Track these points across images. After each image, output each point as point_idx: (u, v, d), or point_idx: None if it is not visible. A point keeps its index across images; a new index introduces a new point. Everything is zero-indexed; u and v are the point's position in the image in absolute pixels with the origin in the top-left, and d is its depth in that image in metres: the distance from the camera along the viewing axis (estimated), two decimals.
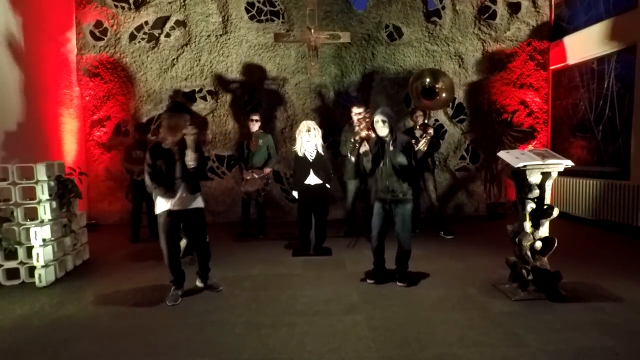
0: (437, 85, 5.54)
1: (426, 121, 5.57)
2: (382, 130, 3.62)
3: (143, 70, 6.85)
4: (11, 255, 4.00)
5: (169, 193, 3.36)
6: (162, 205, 3.41)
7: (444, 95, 5.56)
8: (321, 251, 4.82)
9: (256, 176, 5.47)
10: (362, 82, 7.06)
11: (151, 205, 5.56)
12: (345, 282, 3.87)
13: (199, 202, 3.54)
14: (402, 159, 3.60)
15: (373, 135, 3.81)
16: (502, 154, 3.57)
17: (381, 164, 3.65)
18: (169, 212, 3.39)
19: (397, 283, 3.73)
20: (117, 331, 2.94)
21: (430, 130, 5.41)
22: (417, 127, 5.52)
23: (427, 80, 5.57)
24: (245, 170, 5.59)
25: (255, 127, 5.66)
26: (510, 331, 2.80)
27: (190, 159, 3.31)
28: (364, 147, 3.81)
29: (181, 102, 5.63)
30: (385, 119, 3.60)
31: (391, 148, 3.63)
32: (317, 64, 6.51)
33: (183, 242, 4.23)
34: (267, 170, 5.66)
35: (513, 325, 2.88)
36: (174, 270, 3.49)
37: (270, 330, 2.88)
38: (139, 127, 5.91)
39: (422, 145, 5.31)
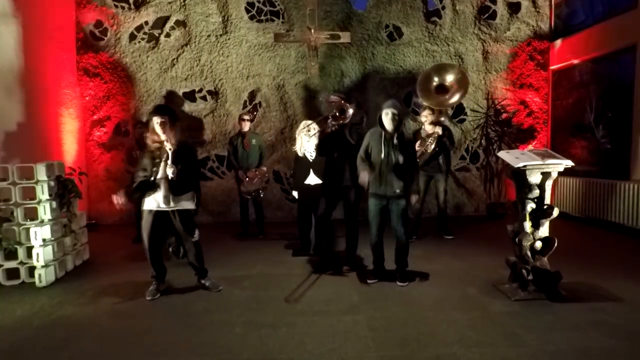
0: (450, 81, 5.36)
1: (442, 119, 5.38)
2: (391, 124, 3.57)
3: (143, 70, 6.85)
4: (11, 255, 4.00)
5: (151, 192, 3.40)
6: (147, 203, 3.46)
7: (456, 91, 5.38)
8: (321, 251, 4.82)
9: (259, 175, 5.47)
10: (362, 82, 7.05)
11: None
12: (345, 282, 3.87)
13: (185, 205, 3.51)
14: (402, 156, 3.61)
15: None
16: (502, 154, 3.57)
17: (382, 157, 3.62)
18: (150, 212, 3.46)
19: (398, 283, 3.73)
20: (117, 331, 2.94)
21: (438, 129, 5.21)
22: (424, 127, 5.46)
23: (440, 78, 5.38)
24: (241, 172, 5.57)
25: (246, 127, 5.67)
26: (510, 331, 2.80)
27: (169, 171, 3.32)
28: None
29: (164, 104, 5.46)
30: (396, 112, 3.57)
31: (395, 142, 3.62)
32: (317, 64, 6.51)
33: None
34: (264, 168, 5.69)
35: (513, 325, 2.88)
36: (155, 265, 3.60)
37: (270, 330, 2.88)
38: (138, 125, 5.75)
39: (429, 144, 5.15)
